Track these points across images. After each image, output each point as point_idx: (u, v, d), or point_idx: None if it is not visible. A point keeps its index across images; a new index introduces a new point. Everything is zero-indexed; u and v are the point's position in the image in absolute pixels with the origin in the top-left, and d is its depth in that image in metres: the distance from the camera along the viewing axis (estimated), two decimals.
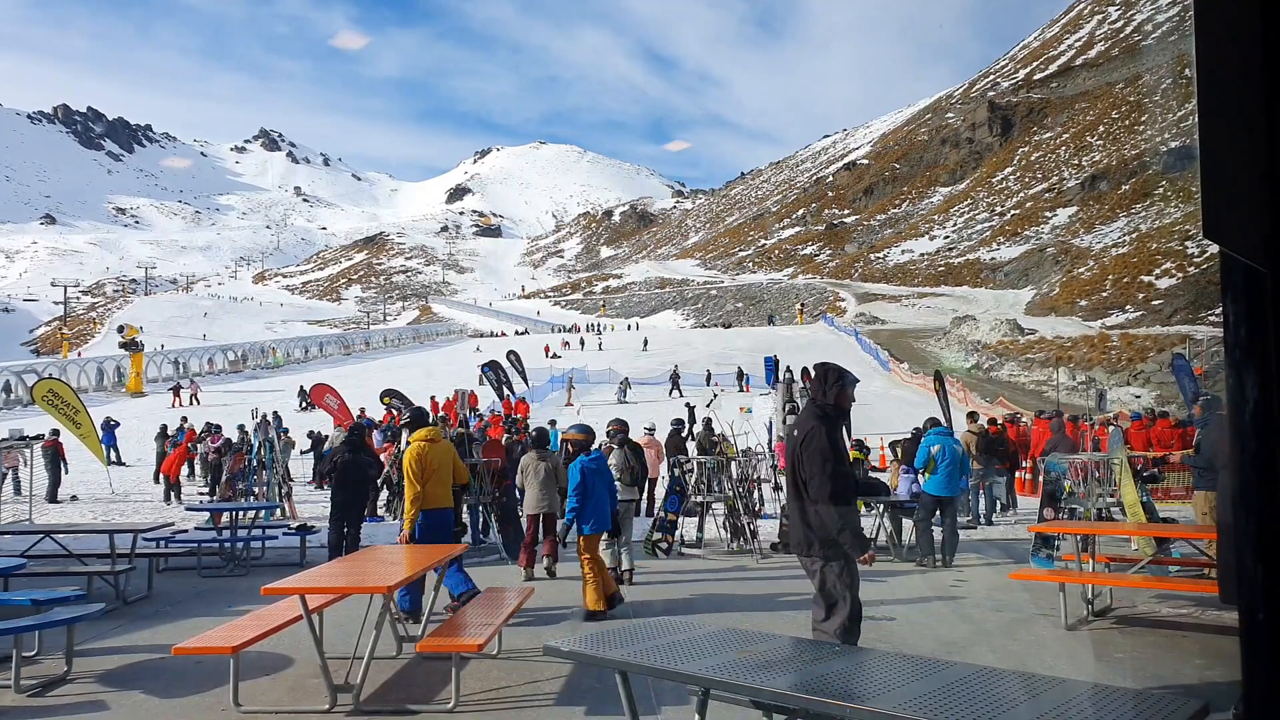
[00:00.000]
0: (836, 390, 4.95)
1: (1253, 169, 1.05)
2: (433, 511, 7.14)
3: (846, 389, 5.00)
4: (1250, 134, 1.03)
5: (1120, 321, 51.25)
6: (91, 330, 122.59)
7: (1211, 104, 1.06)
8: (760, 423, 25.80)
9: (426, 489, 7.06)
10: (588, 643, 3.83)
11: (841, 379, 4.99)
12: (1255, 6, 1.03)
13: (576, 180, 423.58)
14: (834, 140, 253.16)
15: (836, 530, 4.64)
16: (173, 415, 30.45)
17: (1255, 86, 1.04)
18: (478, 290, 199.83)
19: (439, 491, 7.19)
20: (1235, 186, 1.05)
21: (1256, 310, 1.04)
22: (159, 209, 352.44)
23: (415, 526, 7.06)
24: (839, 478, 4.71)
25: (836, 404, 4.95)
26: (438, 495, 7.18)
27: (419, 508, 7.03)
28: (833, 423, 4.90)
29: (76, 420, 17.74)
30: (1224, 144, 1.05)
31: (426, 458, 7.12)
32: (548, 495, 9.36)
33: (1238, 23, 1.04)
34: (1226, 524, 4.40)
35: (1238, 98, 1.04)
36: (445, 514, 7.30)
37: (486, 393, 36.14)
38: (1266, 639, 0.99)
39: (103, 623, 6.97)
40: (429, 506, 7.10)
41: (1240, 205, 1.05)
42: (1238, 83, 1.04)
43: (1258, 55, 1.04)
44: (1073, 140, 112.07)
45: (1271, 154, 1.03)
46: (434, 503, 7.14)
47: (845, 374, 5.06)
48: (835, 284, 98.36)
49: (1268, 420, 1.00)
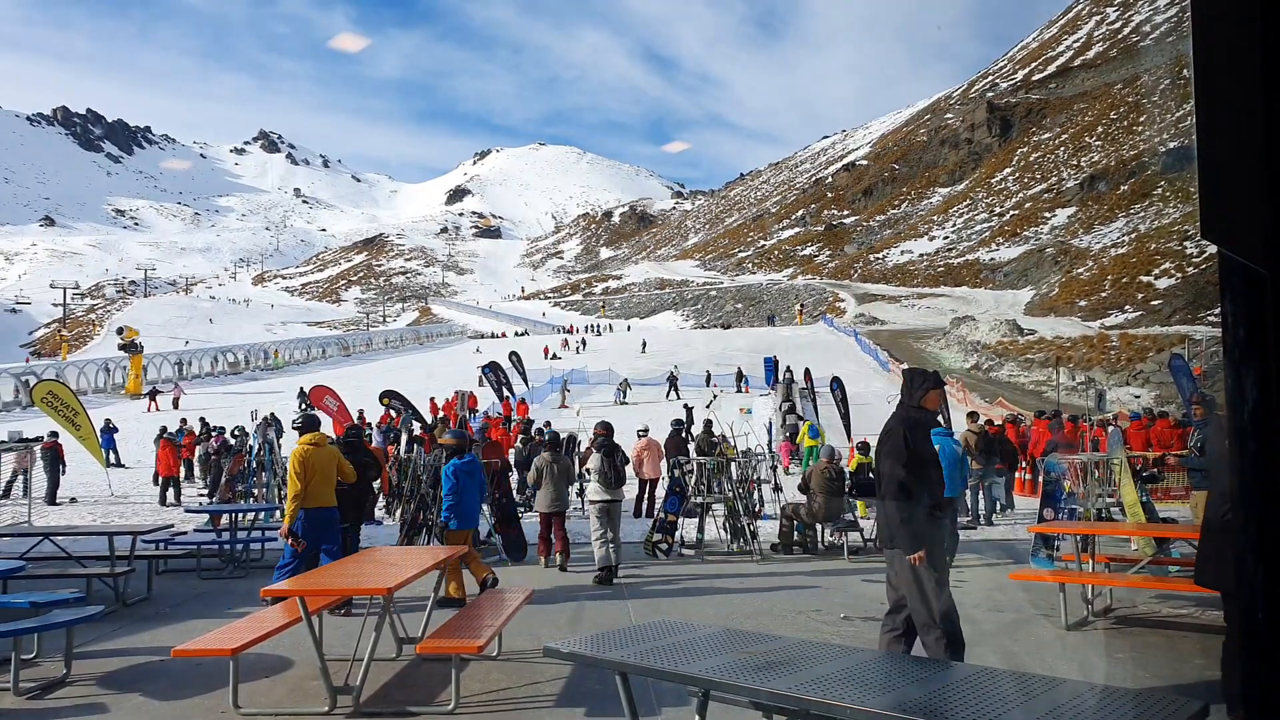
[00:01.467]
0: (923, 394, 5.06)
1: (1251, 170, 1.05)
2: (317, 509, 7.61)
3: (933, 392, 5.10)
4: (1248, 136, 1.04)
5: (1119, 322, 51.26)
6: (91, 332, 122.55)
7: (1209, 106, 1.06)
8: (760, 423, 25.82)
9: (310, 488, 7.51)
10: (588, 644, 3.82)
11: (928, 382, 5.10)
12: (1253, 8, 1.03)
13: (576, 181, 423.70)
14: (833, 141, 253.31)
15: (894, 527, 4.82)
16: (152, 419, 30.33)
17: (1253, 88, 1.04)
18: (477, 291, 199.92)
19: (323, 491, 7.66)
20: (1233, 188, 1.05)
21: (1256, 311, 1.04)
22: (158, 210, 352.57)
23: (298, 523, 7.50)
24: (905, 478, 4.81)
25: (923, 406, 5.06)
26: (321, 494, 7.64)
27: (300, 505, 7.48)
28: (917, 425, 4.97)
29: (76, 422, 17.74)
30: (1222, 146, 1.06)
31: (310, 459, 7.59)
32: (559, 494, 10.12)
33: (1235, 25, 1.04)
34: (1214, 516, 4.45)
35: (1235, 99, 1.04)
36: (330, 511, 7.78)
37: (486, 394, 36.19)
38: (1267, 638, 0.99)
39: (102, 625, 6.97)
40: (313, 505, 7.56)
41: (1239, 207, 1.05)
42: (1235, 85, 1.04)
43: (1255, 57, 1.04)
44: (1071, 141, 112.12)
45: (1270, 155, 1.04)
46: (318, 501, 7.61)
47: (931, 377, 5.17)
48: (835, 285, 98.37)
49: (1267, 420, 1.00)
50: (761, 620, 7.21)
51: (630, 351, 58.25)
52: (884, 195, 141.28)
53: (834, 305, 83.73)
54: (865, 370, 43.89)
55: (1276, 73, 1.04)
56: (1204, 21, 1.09)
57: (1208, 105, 1.07)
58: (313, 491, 7.54)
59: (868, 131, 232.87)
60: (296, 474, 7.50)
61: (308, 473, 7.51)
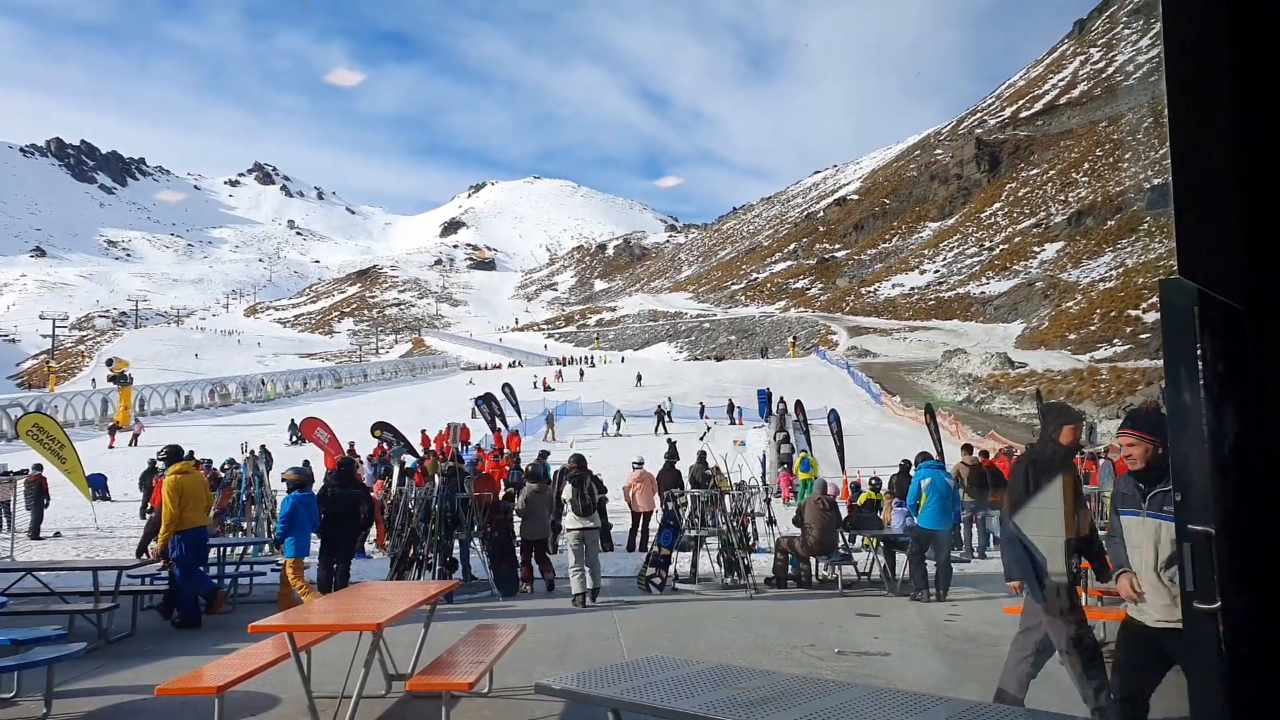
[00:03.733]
0: (1056, 428, 4.99)
1: (1227, 209, 1.07)
2: (191, 530, 8.56)
3: (1068, 426, 4.96)
4: (1222, 176, 1.06)
5: (1109, 355, 51.58)
6: (80, 364, 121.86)
7: (1183, 147, 1.09)
8: (754, 455, 25.76)
9: (184, 513, 8.47)
10: (579, 681, 3.79)
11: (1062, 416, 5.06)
12: (1223, 52, 1.06)
13: (570, 214, 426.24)
14: (824, 176, 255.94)
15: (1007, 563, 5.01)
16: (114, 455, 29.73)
17: (1226, 129, 1.07)
18: (471, 323, 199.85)
19: (195, 514, 8.67)
20: (1209, 226, 1.07)
21: (1235, 347, 1.06)
22: (151, 242, 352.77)
23: (173, 545, 8.42)
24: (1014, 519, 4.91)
25: (1057, 441, 4.96)
26: (194, 518, 8.64)
27: (174, 529, 8.38)
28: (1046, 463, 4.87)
29: (61, 455, 17.55)
30: (1197, 186, 1.08)
31: (182, 486, 8.54)
32: (541, 524, 10.84)
33: (1206, 68, 1.08)
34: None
35: (1208, 140, 1.07)
36: (201, 531, 8.78)
37: (479, 425, 36.05)
38: (1252, 668, 0.99)
39: (84, 662, 6.85)
40: (187, 527, 8.49)
41: (1215, 244, 1.07)
42: (1208, 126, 1.07)
43: (1227, 98, 1.07)
44: (1058, 177, 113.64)
45: (1245, 194, 1.06)
46: (191, 523, 8.57)
47: (1066, 411, 5.08)
48: (827, 317, 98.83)
49: (1248, 454, 1.02)
50: (755, 655, 7.15)
51: (624, 383, 58.24)
52: (875, 229, 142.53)
53: (826, 338, 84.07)
54: (858, 403, 43.95)
55: (1249, 113, 1.07)
56: (1176, 65, 1.12)
57: (1182, 146, 1.10)
58: (186, 516, 8.43)
59: (858, 167, 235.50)
60: (173, 500, 8.35)
61: (182, 499, 8.38)
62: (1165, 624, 3.89)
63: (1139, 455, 3.97)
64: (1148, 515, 3.97)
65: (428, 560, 10.36)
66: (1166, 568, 3.89)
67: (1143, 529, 4.01)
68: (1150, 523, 3.97)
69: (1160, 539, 3.93)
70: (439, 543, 10.48)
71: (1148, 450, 3.94)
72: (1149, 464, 3.95)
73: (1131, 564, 4.07)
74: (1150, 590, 3.97)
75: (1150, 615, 3.98)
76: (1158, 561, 3.92)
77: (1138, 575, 4.00)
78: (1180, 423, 1.18)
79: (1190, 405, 1.12)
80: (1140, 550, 4.01)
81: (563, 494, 10.81)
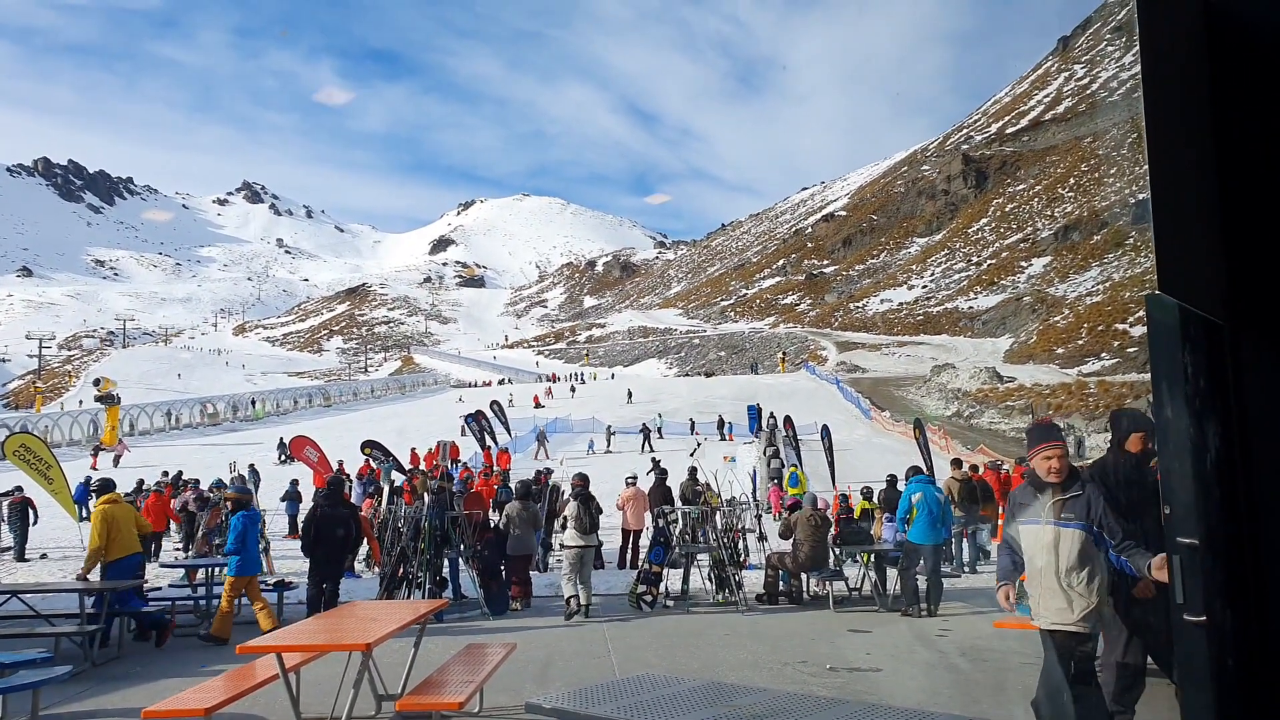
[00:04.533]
0: (1124, 436, 4.88)
1: (1207, 224, 1.09)
2: (122, 558, 8.95)
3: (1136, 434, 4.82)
4: (1202, 192, 1.08)
5: (1097, 369, 51.88)
6: (67, 384, 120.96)
7: (1162, 164, 1.11)
8: (744, 471, 25.75)
9: (114, 541, 8.87)
10: (571, 699, 3.77)
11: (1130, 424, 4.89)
12: (1202, 70, 1.08)
13: (560, 231, 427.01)
14: (812, 193, 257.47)
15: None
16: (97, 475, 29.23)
17: (1205, 145, 1.09)
18: (461, 340, 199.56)
19: (125, 541, 9.03)
20: (1189, 242, 1.09)
21: (1216, 362, 1.08)
22: (138, 261, 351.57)
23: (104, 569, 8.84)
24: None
25: (1125, 449, 4.85)
26: (124, 544, 9.00)
27: (99, 559, 8.80)
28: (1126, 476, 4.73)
29: (49, 475, 17.40)
30: (1176, 202, 1.10)
31: (111, 516, 8.93)
32: (527, 540, 11.11)
33: (1184, 85, 1.10)
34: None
35: (1187, 157, 1.08)
36: (134, 558, 9.14)
37: (469, 443, 35.93)
38: (1238, 681, 1.00)
39: (69, 686, 6.78)
40: (118, 555, 8.88)
41: (1195, 260, 1.09)
42: (1187, 143, 1.09)
43: (1206, 115, 1.09)
44: (1045, 192, 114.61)
45: (1224, 209, 1.08)
46: (122, 550, 8.94)
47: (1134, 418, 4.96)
48: (816, 333, 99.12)
49: (1230, 469, 1.03)
50: (746, 673, 7.12)
51: (615, 399, 58.19)
52: (863, 245, 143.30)
53: (815, 353, 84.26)
54: (848, 418, 44.02)
55: (1227, 129, 1.08)
56: (1154, 82, 1.14)
57: (1161, 163, 1.11)
58: (119, 543, 8.88)
59: (846, 183, 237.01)
60: (100, 531, 8.78)
61: (110, 529, 8.80)
62: (1057, 625, 4.06)
63: (1061, 467, 4.13)
64: (1049, 523, 4.11)
65: (417, 579, 10.30)
66: (1068, 573, 4.03)
67: (1044, 536, 4.14)
68: (1052, 529, 4.10)
69: (1060, 545, 4.06)
70: (429, 561, 10.43)
71: (1066, 464, 4.15)
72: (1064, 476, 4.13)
73: (1030, 570, 4.20)
74: (1049, 594, 4.11)
75: (1045, 618, 4.13)
76: (1058, 567, 4.05)
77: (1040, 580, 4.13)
78: (1166, 437, 1.19)
79: (1175, 420, 1.14)
80: (1040, 557, 4.14)
81: (566, 511, 11.02)
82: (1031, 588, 4.23)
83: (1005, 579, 4.40)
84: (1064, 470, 4.14)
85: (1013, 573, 4.37)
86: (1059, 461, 4.16)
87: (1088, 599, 4.03)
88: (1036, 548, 4.18)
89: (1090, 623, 4.05)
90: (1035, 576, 4.18)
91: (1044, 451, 4.24)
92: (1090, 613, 4.05)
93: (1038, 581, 4.17)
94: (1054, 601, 4.09)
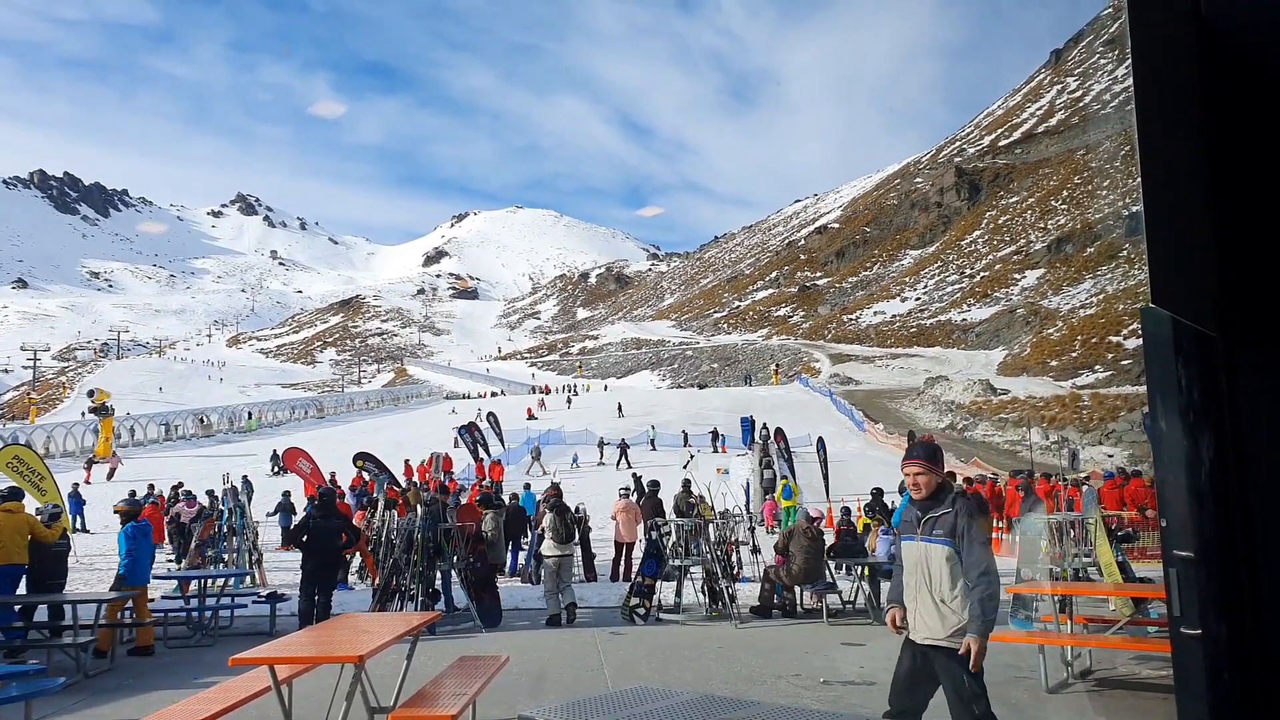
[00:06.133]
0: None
1: (1200, 237, 1.10)
2: (7, 566, 8.89)
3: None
4: (1194, 203, 1.09)
5: (1090, 381, 52.01)
6: (61, 395, 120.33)
7: (1154, 176, 1.12)
8: (737, 483, 25.70)
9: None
10: (564, 712, 3.75)
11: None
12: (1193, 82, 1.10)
13: (553, 243, 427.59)
14: (805, 205, 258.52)
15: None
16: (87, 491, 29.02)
17: (1197, 158, 1.10)
18: (454, 352, 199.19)
19: (12, 550, 8.99)
20: (1182, 255, 1.10)
21: (1210, 375, 1.08)
22: (133, 273, 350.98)
23: None
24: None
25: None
26: (11, 554, 8.96)
27: None
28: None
29: (42, 487, 17.28)
30: (1169, 213, 1.11)
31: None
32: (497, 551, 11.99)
33: (1178, 96, 1.11)
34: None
35: (1179, 171, 1.09)
36: (17, 568, 9.06)
37: (462, 455, 35.82)
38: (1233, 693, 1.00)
39: (62, 698, 6.71)
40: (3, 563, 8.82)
41: (1188, 273, 1.10)
42: (1179, 156, 1.10)
43: (1199, 127, 1.10)
44: (1038, 204, 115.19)
45: (1217, 221, 1.09)
46: (5, 560, 8.88)
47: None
48: (809, 345, 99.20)
49: (1224, 480, 1.04)
50: (740, 685, 7.09)
51: (608, 411, 58.13)
52: (856, 257, 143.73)
53: (809, 365, 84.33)
54: (841, 430, 44.02)
55: (1219, 142, 1.09)
56: (1145, 94, 1.15)
57: (1153, 176, 1.12)
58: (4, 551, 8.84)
59: (839, 195, 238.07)
60: None
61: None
62: (931, 640, 4.08)
63: (925, 484, 4.18)
64: (920, 539, 4.16)
65: (410, 591, 10.26)
66: (938, 589, 4.06)
67: (913, 552, 4.19)
68: (921, 545, 4.15)
69: (930, 561, 4.09)
70: (421, 573, 10.38)
71: (931, 480, 4.17)
72: (930, 493, 4.17)
73: (906, 585, 4.24)
74: (924, 609, 4.13)
75: (920, 633, 4.14)
76: (930, 582, 4.09)
77: (917, 595, 4.16)
78: (1161, 450, 1.20)
79: (1170, 433, 1.14)
80: (913, 573, 4.18)
81: (544, 522, 11.05)
82: (908, 603, 4.23)
83: (895, 600, 4.37)
84: (927, 487, 4.17)
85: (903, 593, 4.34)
86: (918, 478, 4.20)
87: (959, 615, 4.01)
88: (910, 563, 4.22)
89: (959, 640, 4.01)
90: (910, 592, 4.21)
91: (905, 468, 4.33)
92: (960, 630, 4.01)
93: (913, 597, 4.19)
94: (927, 617, 4.10)
